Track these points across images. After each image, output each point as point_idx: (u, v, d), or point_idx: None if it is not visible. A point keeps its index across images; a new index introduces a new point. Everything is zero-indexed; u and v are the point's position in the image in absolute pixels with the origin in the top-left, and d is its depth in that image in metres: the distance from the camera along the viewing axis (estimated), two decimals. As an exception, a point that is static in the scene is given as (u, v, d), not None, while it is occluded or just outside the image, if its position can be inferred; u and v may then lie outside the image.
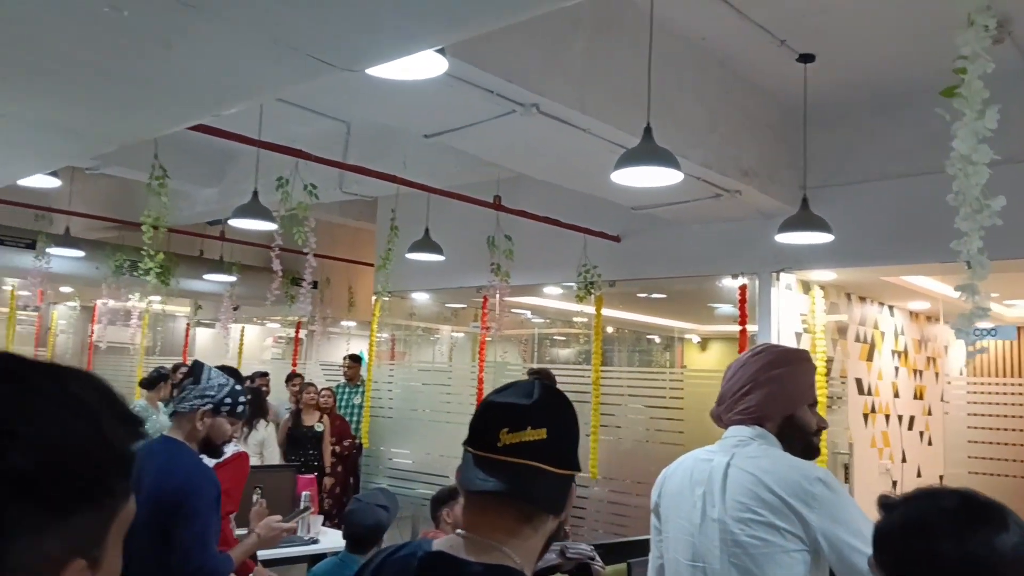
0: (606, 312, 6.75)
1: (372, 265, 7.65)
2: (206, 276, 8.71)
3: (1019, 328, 5.97)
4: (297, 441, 6.76)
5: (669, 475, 2.17)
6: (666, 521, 2.11)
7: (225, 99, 3.20)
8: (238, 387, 2.80)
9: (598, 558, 2.86)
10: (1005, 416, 4.76)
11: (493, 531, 1.25)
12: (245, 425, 7.14)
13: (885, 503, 1.23)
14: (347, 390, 7.97)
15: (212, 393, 2.71)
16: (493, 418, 1.28)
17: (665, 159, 3.41)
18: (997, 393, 5.04)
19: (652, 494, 2.20)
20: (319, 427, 6.87)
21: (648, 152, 3.41)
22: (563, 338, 12.88)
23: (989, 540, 1.11)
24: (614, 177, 3.52)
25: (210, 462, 2.86)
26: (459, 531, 1.28)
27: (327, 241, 8.77)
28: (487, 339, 7.15)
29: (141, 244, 4.58)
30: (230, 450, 3.24)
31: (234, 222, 5.35)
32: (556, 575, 2.78)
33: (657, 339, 12.83)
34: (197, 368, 2.78)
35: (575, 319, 10.25)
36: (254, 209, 5.14)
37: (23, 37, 2.76)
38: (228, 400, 2.72)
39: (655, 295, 8.07)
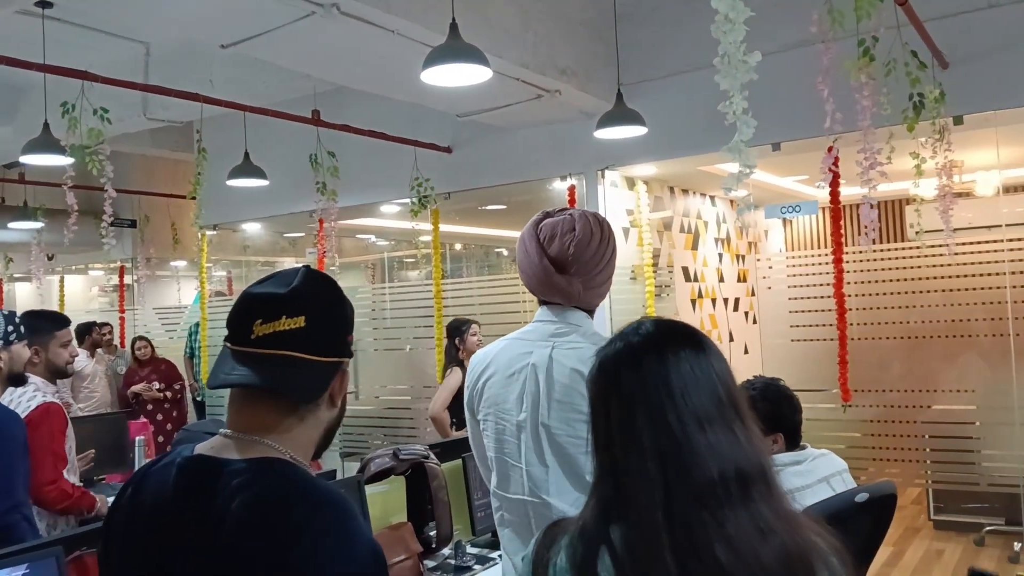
0: (452, 228, 6.72)
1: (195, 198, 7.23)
2: (11, 224, 7.97)
3: (822, 208, 6.40)
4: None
5: (482, 370, 2.02)
6: (484, 419, 1.99)
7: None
8: (4, 312, 2.66)
9: (432, 456, 2.88)
10: (819, 285, 5.11)
11: (256, 427, 1.21)
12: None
13: None
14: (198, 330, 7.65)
15: None
16: (248, 310, 1.23)
17: (473, 55, 3.33)
18: (810, 264, 5.41)
19: (465, 391, 2.06)
20: None
21: (455, 49, 3.33)
22: (412, 259, 12.78)
23: None
24: (423, 77, 3.42)
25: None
26: (222, 430, 1.23)
27: (144, 176, 8.22)
28: (333, 267, 6.98)
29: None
30: (35, 402, 3.02)
31: (25, 159, 4.86)
32: (391, 477, 2.78)
33: (504, 251, 12.96)
34: None
35: (421, 238, 10.18)
36: (44, 143, 4.69)
37: None
38: (9, 327, 2.56)
39: (495, 207, 8.08)
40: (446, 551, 2.89)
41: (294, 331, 1.19)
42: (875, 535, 2.61)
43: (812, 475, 2.56)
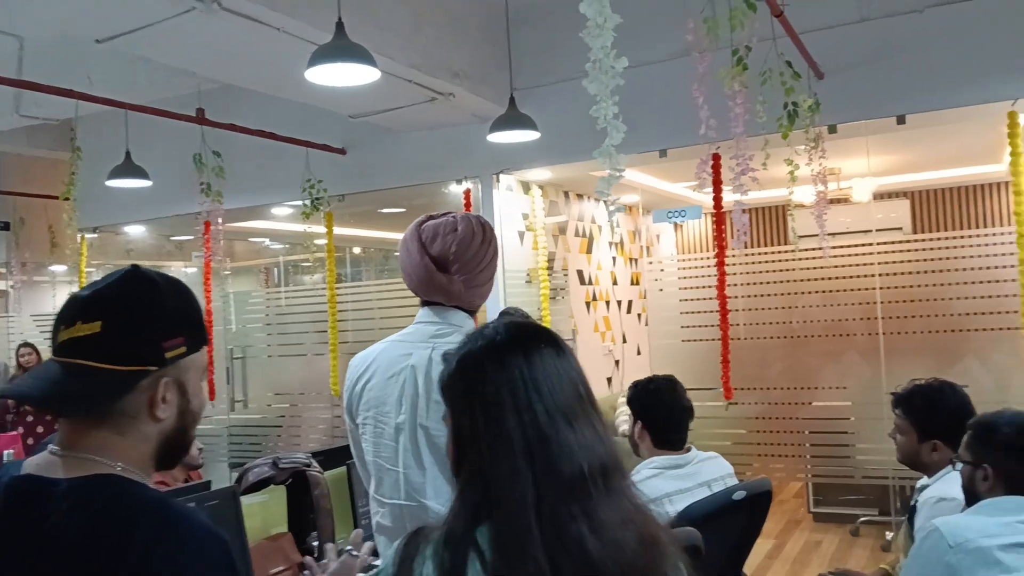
0: (350, 232, 6.61)
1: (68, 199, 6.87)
2: None
3: (707, 212, 6.61)
4: None
5: (361, 373, 1.99)
6: (364, 423, 1.95)
7: None
8: None
9: (315, 464, 2.82)
10: (706, 287, 5.24)
11: (80, 442, 1.14)
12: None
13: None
14: None
15: None
16: (57, 315, 1.16)
17: (359, 55, 3.28)
18: (698, 267, 5.56)
19: (344, 394, 2.02)
20: None
21: (341, 48, 3.27)
22: (310, 263, 12.53)
23: None
24: (308, 75, 3.35)
25: None
26: (51, 447, 1.16)
27: (19, 176, 7.79)
28: (224, 271, 6.78)
29: None
30: None
31: None
32: (270, 487, 2.71)
33: (404, 256, 12.88)
34: None
35: (317, 241, 9.98)
36: (-100, 138, 4.39)
37: None
38: None
39: (393, 210, 8.00)
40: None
41: (88, 337, 1.12)
42: (751, 529, 2.69)
43: (693, 479, 2.59)
